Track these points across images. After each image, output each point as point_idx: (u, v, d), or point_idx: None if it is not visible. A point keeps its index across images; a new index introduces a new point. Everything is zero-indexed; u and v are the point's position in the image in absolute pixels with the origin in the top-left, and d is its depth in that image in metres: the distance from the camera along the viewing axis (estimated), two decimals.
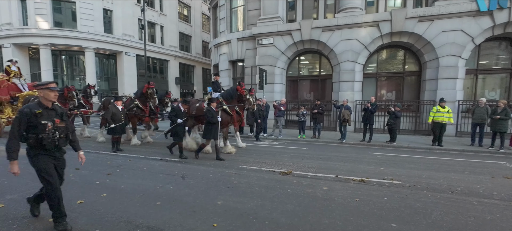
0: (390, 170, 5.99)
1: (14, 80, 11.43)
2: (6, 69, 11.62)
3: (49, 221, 3.24)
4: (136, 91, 9.62)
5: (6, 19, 20.59)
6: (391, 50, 13.24)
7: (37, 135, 2.82)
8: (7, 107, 11.14)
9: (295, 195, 4.27)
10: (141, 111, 9.21)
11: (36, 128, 2.81)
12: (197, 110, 8.26)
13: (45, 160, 2.90)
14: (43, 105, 2.93)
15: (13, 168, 2.83)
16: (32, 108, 2.83)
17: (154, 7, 25.99)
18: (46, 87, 2.93)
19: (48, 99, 2.94)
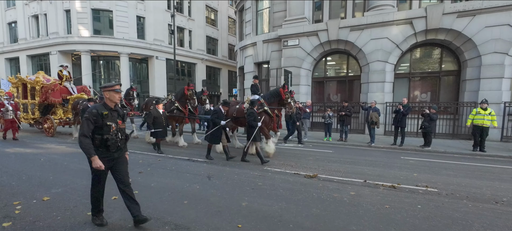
0: (424, 176, 5.61)
1: (65, 84, 12.20)
2: (59, 73, 12.40)
3: (88, 214, 3.50)
4: (175, 93, 9.76)
5: (53, 29, 22.67)
6: (426, 48, 12.45)
7: (102, 136, 2.90)
8: (59, 109, 11.92)
9: (320, 199, 4.17)
10: (181, 113, 9.29)
11: (101, 129, 2.90)
12: (237, 112, 8.18)
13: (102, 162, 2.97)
14: (108, 106, 3.00)
15: (96, 162, 2.85)
16: (99, 109, 2.91)
17: (183, 13, 27.01)
18: (112, 89, 2.99)
19: (113, 100, 3.02)
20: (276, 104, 7.71)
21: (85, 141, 2.83)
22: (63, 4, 22.06)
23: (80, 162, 6.56)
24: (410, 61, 12.68)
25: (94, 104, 3.04)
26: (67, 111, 12.03)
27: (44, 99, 11.54)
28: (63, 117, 11.88)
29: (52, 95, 11.45)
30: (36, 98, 11.88)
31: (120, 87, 3.10)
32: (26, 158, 6.89)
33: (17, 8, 24.71)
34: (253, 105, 6.87)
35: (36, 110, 12.10)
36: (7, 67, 26.51)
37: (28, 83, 12.15)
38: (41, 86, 11.68)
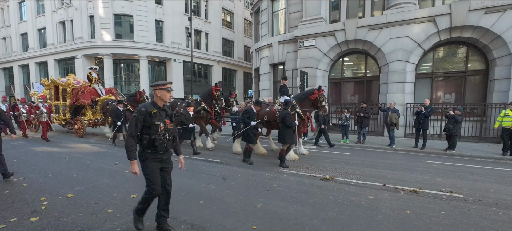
0: (448, 181, 5.34)
1: (94, 86, 12.52)
2: (88, 76, 12.74)
3: (108, 211, 3.62)
4: (202, 94, 9.47)
5: (78, 34, 23.82)
6: (450, 47, 11.88)
7: (150, 136, 2.77)
8: (88, 110, 12.23)
9: (337, 202, 4.07)
10: (207, 113, 9.10)
11: (149, 129, 2.78)
12: (268, 115, 7.86)
13: (153, 165, 2.84)
14: (157, 105, 2.87)
15: (134, 167, 2.78)
16: (148, 108, 2.80)
17: (200, 16, 27.49)
18: (164, 88, 2.87)
19: (164, 99, 2.90)
20: (308, 106, 7.44)
21: (130, 142, 2.73)
22: (88, 10, 23.13)
23: (101, 161, 6.83)
24: (432, 60, 12.15)
25: (143, 103, 2.93)
26: (96, 113, 12.32)
27: (75, 101, 11.84)
28: (92, 118, 12.19)
29: (82, 97, 11.75)
30: (67, 100, 12.23)
31: (170, 86, 2.96)
32: (53, 156, 7.26)
33: (46, 15, 26.19)
34: (287, 106, 6.57)
35: (67, 112, 12.50)
36: (37, 70, 28.13)
37: (60, 85, 12.55)
38: (72, 88, 12.04)
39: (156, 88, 2.89)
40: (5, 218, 3.42)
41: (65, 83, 12.28)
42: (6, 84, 32.12)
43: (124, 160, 6.91)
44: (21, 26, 28.85)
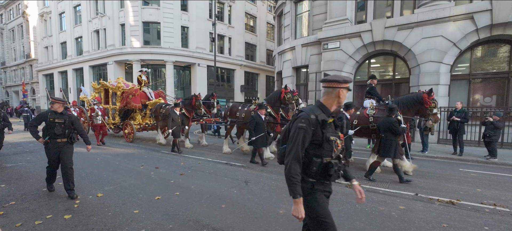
0: (490, 192, 4.85)
1: (144, 89, 11.94)
2: (138, 78, 12.19)
3: (134, 212, 3.72)
4: (268, 97, 8.29)
5: (110, 41, 25.32)
6: (490, 46, 10.94)
7: (322, 159, 1.86)
8: (138, 114, 11.78)
9: (365, 211, 3.86)
10: (274, 119, 7.85)
11: (319, 147, 1.87)
12: (359, 119, 6.74)
13: (324, 200, 1.95)
14: (329, 111, 1.95)
15: (299, 209, 1.81)
16: (318, 115, 1.87)
17: (224, 21, 28.01)
18: (344, 86, 1.95)
19: (340, 103, 1.98)
20: (413, 114, 6.32)
21: (295, 169, 1.80)
22: (119, 19, 24.54)
23: (129, 162, 7.11)
24: (470, 61, 11.26)
25: (308, 107, 1.99)
26: (145, 117, 11.89)
27: (125, 104, 11.48)
28: (142, 123, 11.76)
29: (132, 101, 11.32)
30: (117, 104, 11.86)
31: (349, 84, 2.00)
32: (86, 157, 7.70)
33: (82, 25, 28.19)
34: (393, 112, 5.55)
35: (116, 115, 12.16)
36: (74, 76, 30.30)
37: (110, 89, 12.19)
38: (122, 91, 11.71)
39: (334, 85, 1.94)
40: (42, 215, 3.64)
41: (115, 86, 11.90)
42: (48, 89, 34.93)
43: (150, 162, 7.17)
44: (61, 35, 31.29)
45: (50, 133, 4.27)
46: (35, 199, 4.24)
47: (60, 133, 4.30)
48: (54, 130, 4.25)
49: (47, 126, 4.28)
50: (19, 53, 40.45)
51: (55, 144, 4.31)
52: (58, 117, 4.31)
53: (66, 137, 4.39)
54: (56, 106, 4.31)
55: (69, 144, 4.44)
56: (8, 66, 42.89)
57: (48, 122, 4.26)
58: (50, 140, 4.30)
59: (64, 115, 4.38)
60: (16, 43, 40.77)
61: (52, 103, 4.35)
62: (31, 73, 38.25)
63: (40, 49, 34.56)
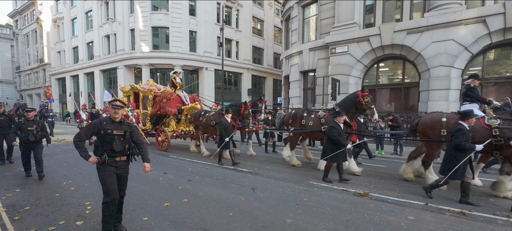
0: (504, 203, 4.72)
1: (178, 92, 10.82)
2: (172, 81, 10.94)
3: (143, 219, 3.78)
4: (342, 102, 7.06)
5: (120, 46, 25.84)
6: (504, 49, 10.71)
7: None
8: (172, 120, 10.54)
9: (373, 221, 3.81)
10: (348, 127, 6.64)
11: None
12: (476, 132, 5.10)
13: None
14: None
15: None
16: None
17: (231, 25, 28.21)
18: None
19: None
20: None
21: None
22: (129, 24, 25.04)
23: (138, 168, 7.20)
24: (482, 64, 11.03)
25: None
26: (180, 123, 10.67)
27: (158, 109, 10.28)
28: (175, 129, 10.50)
29: (167, 105, 10.12)
30: (149, 108, 10.75)
31: None
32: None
33: (94, 30, 28.87)
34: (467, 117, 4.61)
35: (147, 121, 10.96)
36: (85, 80, 31.00)
37: (140, 92, 11.16)
38: (154, 95, 10.65)
39: None
40: (55, 220, 3.74)
41: (146, 89, 10.81)
42: (60, 93, 35.83)
43: (158, 167, 7.27)
44: (73, 40, 32.11)
45: (107, 149, 3.19)
46: (49, 204, 4.36)
47: (120, 148, 3.22)
48: (113, 144, 3.17)
49: (102, 139, 3.20)
50: (33, 58, 41.67)
51: (113, 163, 3.25)
52: (116, 127, 3.24)
53: (126, 154, 3.37)
54: (114, 113, 3.23)
55: (127, 164, 3.44)
56: (22, 71, 44.23)
57: (104, 133, 3.18)
58: (107, 159, 3.20)
59: (124, 124, 3.31)
60: (30, 48, 42.03)
61: (114, 108, 3.22)
62: (44, 77, 39.32)
63: (53, 54, 35.53)
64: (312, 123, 7.24)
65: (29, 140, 5.84)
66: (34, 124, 5.96)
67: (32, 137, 5.87)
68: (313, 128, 7.19)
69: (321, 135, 6.92)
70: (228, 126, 7.59)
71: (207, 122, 9.02)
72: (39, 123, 6.15)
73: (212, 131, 9.25)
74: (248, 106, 8.45)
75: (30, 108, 6.19)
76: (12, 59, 48.88)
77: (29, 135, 5.84)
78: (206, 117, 9.18)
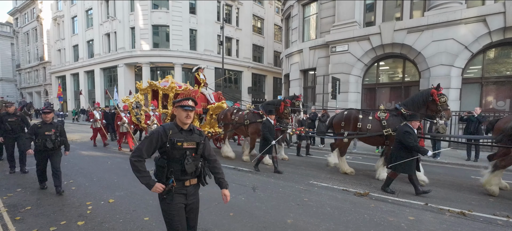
0: (503, 203, 4.74)
1: (202, 90, 9.90)
2: (196, 77, 9.98)
3: (144, 219, 3.81)
4: (408, 100, 6.22)
5: (121, 44, 25.79)
6: (504, 48, 10.70)
7: None
8: (195, 120, 9.52)
9: (373, 222, 3.83)
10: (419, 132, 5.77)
11: None
12: None
13: None
14: None
15: None
16: None
17: (231, 23, 28.16)
18: None
19: None
20: None
21: None
22: (129, 23, 25.00)
23: None
24: (482, 63, 11.03)
25: None
26: (204, 124, 9.57)
27: None
28: None
29: None
30: (169, 107, 9.92)
31: None
32: (97, 161, 7.88)
33: (94, 28, 28.82)
34: None
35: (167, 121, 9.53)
36: (85, 78, 30.98)
37: (160, 90, 10.19)
38: (176, 93, 9.88)
39: None
40: (56, 221, 3.76)
41: (167, 87, 9.90)
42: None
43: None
44: (73, 38, 32.06)
45: (175, 170, 2.25)
46: (50, 204, 4.38)
47: (193, 168, 2.29)
48: (184, 163, 2.21)
49: (168, 156, 2.23)
50: (33, 56, 41.67)
51: (182, 189, 2.31)
52: (186, 137, 2.28)
53: (197, 176, 2.41)
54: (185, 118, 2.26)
55: (197, 189, 2.54)
56: (22, 69, 44.24)
57: (172, 147, 2.20)
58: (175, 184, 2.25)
59: (195, 134, 2.35)
60: (30, 46, 42.01)
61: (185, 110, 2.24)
62: (44, 76, 39.34)
63: (53, 52, 35.50)
64: (370, 126, 6.29)
65: (46, 147, 4.78)
66: (52, 128, 4.91)
67: (50, 144, 4.80)
68: (372, 132, 6.22)
69: (381, 140, 6.20)
70: (272, 128, 6.75)
71: (239, 121, 8.14)
72: (58, 126, 5.08)
73: (243, 131, 8.37)
74: (288, 104, 7.47)
75: (48, 110, 4.95)
76: (12, 57, 48.87)
77: (47, 141, 4.77)
78: (239, 115, 8.30)
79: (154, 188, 2.22)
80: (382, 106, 6.66)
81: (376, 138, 6.31)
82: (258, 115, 7.70)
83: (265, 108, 7.61)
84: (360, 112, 6.65)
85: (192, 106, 2.31)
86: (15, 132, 6.44)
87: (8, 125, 6.32)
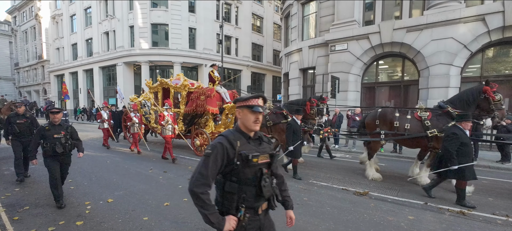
0: (503, 202, 4.75)
1: (217, 88, 9.24)
2: (210, 75, 9.45)
3: (143, 219, 3.79)
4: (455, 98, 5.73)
5: (120, 43, 25.69)
6: (503, 47, 10.70)
7: None
8: (210, 121, 9.05)
9: (373, 222, 3.83)
10: None
11: None
12: None
13: None
14: None
15: None
16: None
17: (231, 22, 28.10)
18: None
19: None
20: None
21: None
22: (128, 21, 24.90)
23: (138, 166, 7.22)
24: (481, 62, 11.03)
25: None
26: (219, 125, 9.02)
27: (194, 108, 8.89)
28: (214, 131, 8.81)
29: (208, 103, 8.55)
30: (181, 107, 9.51)
31: None
32: (96, 160, 7.85)
33: (93, 27, 28.71)
34: None
35: (180, 122, 9.62)
36: (84, 77, 30.88)
37: (171, 88, 9.72)
38: (189, 91, 9.50)
39: None
40: (55, 220, 3.75)
41: (180, 85, 9.46)
42: (59, 90, 35.63)
43: (159, 165, 7.27)
44: (72, 37, 31.93)
45: (249, 197, 1.72)
46: (48, 204, 4.36)
47: (270, 191, 1.78)
48: (261, 185, 1.71)
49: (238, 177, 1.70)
50: (31, 55, 41.48)
51: (255, 220, 1.78)
52: (257, 147, 1.79)
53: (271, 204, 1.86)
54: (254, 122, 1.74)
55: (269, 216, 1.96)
56: (21, 67, 44.05)
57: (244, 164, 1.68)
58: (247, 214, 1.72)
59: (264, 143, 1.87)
60: (28, 44, 41.82)
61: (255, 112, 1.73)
62: (43, 74, 39.18)
63: (51, 51, 35.35)
64: (409, 126, 5.70)
65: (56, 152, 4.25)
66: (61, 130, 4.37)
67: (60, 148, 4.27)
68: (412, 132, 5.66)
69: (423, 142, 5.65)
70: (298, 129, 6.08)
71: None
72: (68, 127, 4.54)
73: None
74: (314, 103, 6.86)
75: (56, 109, 4.43)
76: (10, 55, 48.67)
77: (56, 145, 4.24)
78: (273, 117, 7.54)
79: (228, 226, 1.65)
80: (422, 105, 6.29)
81: (418, 140, 5.70)
82: (282, 115, 7.14)
83: (289, 108, 7.09)
84: (396, 111, 6.11)
85: (262, 107, 1.77)
86: (24, 135, 5.74)
87: (16, 127, 5.65)
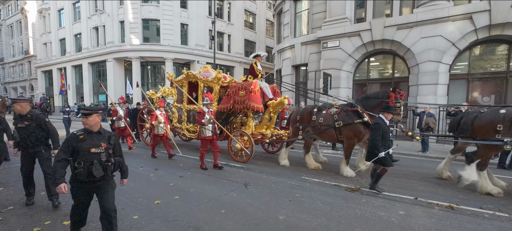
0: (489, 197, 4.85)
1: (259, 83, 7.84)
2: (253, 66, 7.92)
3: (133, 218, 3.71)
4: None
5: (110, 38, 25.14)
6: (489, 45, 10.95)
7: None
8: (250, 120, 7.86)
9: (364, 217, 3.86)
10: None
11: None
12: None
13: None
14: None
15: None
16: None
17: (223, 18, 27.86)
18: None
19: None
20: None
21: None
22: (119, 16, 24.37)
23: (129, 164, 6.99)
24: (468, 60, 11.27)
25: None
26: (261, 124, 8.02)
27: (232, 104, 7.65)
28: (254, 132, 7.68)
29: (251, 99, 7.21)
30: (214, 103, 8.23)
31: None
32: None
33: (82, 22, 27.97)
34: None
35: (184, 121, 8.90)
36: (73, 73, 30.12)
37: (200, 82, 8.53)
38: (222, 85, 8.46)
39: None
40: (40, 221, 3.63)
41: (213, 78, 8.26)
42: (46, 86, 34.67)
43: (149, 163, 7.15)
44: (60, 32, 31.07)
45: None
46: (34, 204, 4.22)
47: None
48: None
49: None
50: (17, 50, 40.18)
51: None
52: None
53: None
54: None
55: None
56: (6, 63, 42.63)
57: None
58: None
59: None
60: (14, 39, 40.47)
61: None
62: (29, 70, 38.04)
63: (38, 46, 34.34)
64: None
65: (93, 177, 2.74)
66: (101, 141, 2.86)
67: (99, 169, 2.75)
68: None
69: None
70: (387, 131, 4.93)
71: (326, 123, 6.32)
72: (111, 137, 2.99)
73: (330, 136, 6.50)
74: (399, 95, 5.63)
75: (89, 110, 2.78)
76: None
77: (94, 165, 2.71)
78: (325, 115, 6.43)
79: None
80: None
81: None
82: (355, 114, 5.99)
83: (365, 104, 5.99)
84: None
85: None
86: (28, 145, 3.98)
87: (17, 133, 4.01)
